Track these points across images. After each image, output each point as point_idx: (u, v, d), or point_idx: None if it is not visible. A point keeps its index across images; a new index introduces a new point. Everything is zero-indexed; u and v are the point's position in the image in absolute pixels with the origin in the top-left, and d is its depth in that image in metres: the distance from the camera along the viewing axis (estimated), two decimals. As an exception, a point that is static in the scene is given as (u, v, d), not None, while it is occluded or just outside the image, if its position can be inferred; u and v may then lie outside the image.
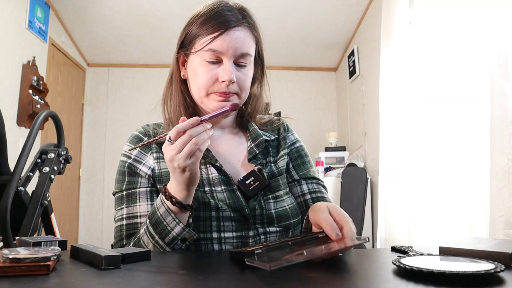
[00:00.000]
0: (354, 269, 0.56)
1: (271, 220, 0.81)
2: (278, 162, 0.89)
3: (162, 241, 0.72)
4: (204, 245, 0.77)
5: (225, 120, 0.91)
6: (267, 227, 0.80)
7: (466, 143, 1.87)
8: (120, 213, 0.82)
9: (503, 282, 0.46)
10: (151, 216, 0.74)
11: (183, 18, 0.86)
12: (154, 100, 0.94)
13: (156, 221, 0.72)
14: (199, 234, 0.76)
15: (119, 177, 0.85)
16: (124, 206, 0.82)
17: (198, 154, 0.66)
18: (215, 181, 0.82)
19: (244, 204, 0.80)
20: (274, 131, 0.95)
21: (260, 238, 0.79)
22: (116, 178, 0.85)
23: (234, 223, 0.78)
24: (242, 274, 0.51)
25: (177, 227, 0.71)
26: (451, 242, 0.64)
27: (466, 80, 1.90)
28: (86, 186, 4.04)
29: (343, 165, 3.35)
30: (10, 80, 2.72)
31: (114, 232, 0.82)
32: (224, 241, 0.77)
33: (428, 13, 2.22)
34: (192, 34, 0.82)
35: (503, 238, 1.39)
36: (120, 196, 0.83)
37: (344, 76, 3.95)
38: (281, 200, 0.84)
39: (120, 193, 0.84)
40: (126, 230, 0.79)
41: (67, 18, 3.47)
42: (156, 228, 0.72)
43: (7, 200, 0.97)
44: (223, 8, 0.81)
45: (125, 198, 0.82)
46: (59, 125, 1.26)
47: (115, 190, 0.85)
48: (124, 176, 0.84)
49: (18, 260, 0.48)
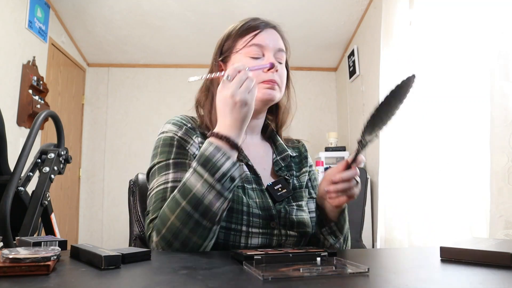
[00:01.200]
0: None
1: (292, 224, 0.86)
2: (300, 177, 0.96)
3: (211, 178, 0.69)
4: (233, 235, 0.79)
5: (254, 127, 0.95)
6: (288, 230, 0.85)
7: (466, 143, 1.87)
8: (165, 178, 0.79)
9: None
10: (198, 158, 0.72)
11: (183, 18, 0.88)
12: (154, 100, 0.95)
13: (204, 160, 0.70)
14: (231, 225, 0.78)
15: (164, 149, 0.83)
16: (171, 171, 0.79)
17: (254, 91, 0.73)
18: (247, 178, 0.86)
19: (271, 205, 0.84)
20: (294, 149, 1.02)
21: (282, 238, 0.84)
22: (159, 150, 0.83)
23: (261, 220, 0.82)
24: (242, 274, 0.51)
25: (227, 162, 0.70)
26: (451, 242, 0.64)
27: (466, 80, 1.90)
28: (86, 186, 4.04)
29: (343, 165, 3.35)
30: (10, 80, 2.72)
31: (153, 196, 0.78)
32: (251, 236, 0.80)
33: (428, 13, 2.22)
34: (232, 38, 0.89)
35: (503, 238, 1.39)
36: (165, 164, 0.81)
37: (344, 76, 3.95)
38: (301, 210, 0.89)
39: (165, 161, 0.81)
40: (170, 191, 0.76)
41: (67, 18, 3.47)
42: (205, 166, 0.70)
43: (7, 200, 0.97)
44: (256, 18, 0.92)
45: (171, 165, 0.80)
46: (59, 125, 1.26)
47: (159, 160, 0.82)
48: (171, 147, 0.83)
49: (18, 260, 0.48)
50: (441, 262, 0.60)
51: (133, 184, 1.08)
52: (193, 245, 0.70)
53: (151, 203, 0.77)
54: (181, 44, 3.83)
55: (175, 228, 0.69)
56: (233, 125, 0.72)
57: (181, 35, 3.66)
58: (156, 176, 0.80)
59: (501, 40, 1.49)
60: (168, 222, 0.70)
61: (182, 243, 0.70)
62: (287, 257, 0.59)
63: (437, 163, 2.06)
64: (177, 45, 3.87)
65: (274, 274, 0.49)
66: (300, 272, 0.51)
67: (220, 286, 0.45)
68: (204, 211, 0.69)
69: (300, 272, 0.51)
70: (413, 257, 0.71)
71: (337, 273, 0.52)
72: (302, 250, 0.64)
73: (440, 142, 2.06)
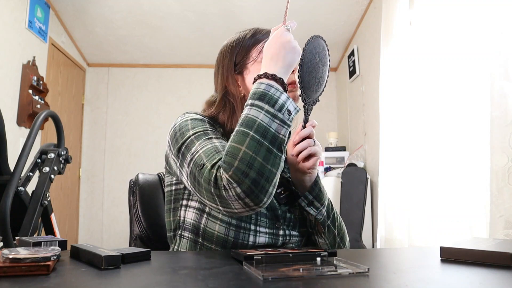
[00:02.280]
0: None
1: (295, 225, 0.88)
2: None
3: (272, 108, 0.70)
4: (243, 233, 0.80)
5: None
6: (291, 231, 0.87)
7: (466, 143, 1.87)
8: (209, 141, 0.77)
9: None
10: (252, 96, 0.72)
11: (183, 18, 0.88)
12: (154, 100, 0.95)
13: (261, 94, 0.71)
14: (241, 223, 0.79)
15: (197, 123, 0.82)
16: (213, 137, 0.79)
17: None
18: None
19: (277, 206, 0.86)
20: None
21: (286, 238, 0.85)
22: (191, 126, 0.82)
23: (268, 220, 0.83)
24: (242, 274, 0.51)
25: (283, 95, 0.72)
26: (451, 242, 0.64)
27: (466, 80, 1.90)
28: (86, 186, 4.04)
29: (343, 165, 3.35)
30: (10, 80, 2.72)
31: (203, 153, 0.73)
32: (258, 235, 0.81)
33: (428, 13, 2.22)
34: (243, 50, 0.90)
35: (503, 238, 1.39)
36: (204, 132, 0.80)
37: (344, 76, 3.95)
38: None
39: (203, 131, 0.80)
40: (221, 147, 0.75)
41: (67, 18, 3.47)
42: (262, 100, 0.71)
43: (7, 200, 0.97)
44: (259, 28, 0.95)
45: (210, 133, 0.80)
46: (59, 125, 1.26)
47: (194, 132, 0.80)
48: (203, 123, 0.83)
49: (18, 260, 0.48)
50: (441, 262, 0.60)
51: (134, 184, 1.08)
52: (269, 173, 0.67)
53: (203, 157, 0.73)
54: (181, 44, 3.83)
55: (248, 157, 0.66)
56: (283, 68, 0.75)
57: (181, 35, 3.66)
58: (196, 142, 0.77)
59: (501, 40, 1.49)
60: (239, 153, 0.66)
61: (258, 172, 0.66)
62: (287, 257, 0.59)
63: (437, 163, 2.07)
64: (177, 45, 3.87)
65: (274, 274, 0.49)
66: (300, 272, 0.51)
67: (220, 286, 0.45)
68: (272, 138, 0.68)
69: (300, 272, 0.51)
70: (413, 257, 0.71)
71: (337, 273, 0.52)
72: (302, 250, 0.64)
73: (440, 142, 2.06)
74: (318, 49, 0.81)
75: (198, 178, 0.72)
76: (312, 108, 0.83)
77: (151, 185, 1.09)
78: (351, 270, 0.52)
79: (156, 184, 1.11)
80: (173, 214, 0.88)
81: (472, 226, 1.79)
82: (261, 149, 0.67)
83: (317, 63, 0.81)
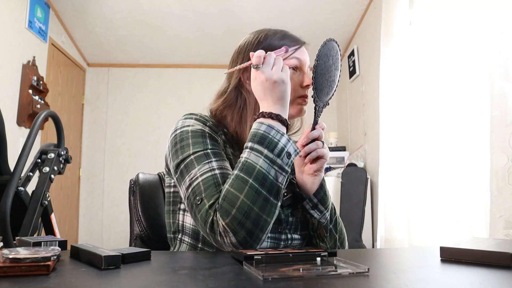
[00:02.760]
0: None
1: (296, 227, 0.87)
2: None
3: (271, 153, 0.70)
4: None
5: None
6: (293, 234, 0.86)
7: (466, 143, 1.87)
8: (209, 166, 0.75)
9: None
10: (252, 138, 0.73)
11: (183, 18, 0.87)
12: (154, 100, 0.94)
13: (260, 138, 0.72)
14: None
15: (197, 139, 0.80)
16: (213, 159, 0.77)
17: (286, 69, 0.77)
18: None
19: (280, 209, 0.84)
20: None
21: (288, 242, 0.85)
22: (191, 142, 0.80)
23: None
24: (242, 274, 0.51)
25: (283, 138, 0.73)
26: (451, 242, 0.64)
27: (466, 80, 1.90)
28: (86, 186, 4.04)
29: (343, 165, 3.35)
30: (10, 80, 2.72)
31: (202, 184, 0.73)
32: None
33: (428, 13, 2.22)
34: (271, 47, 0.85)
35: (503, 238, 1.39)
36: (205, 153, 0.78)
37: (344, 76, 3.95)
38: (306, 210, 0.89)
39: (203, 151, 0.78)
40: (221, 178, 0.74)
41: (67, 18, 3.47)
42: (262, 144, 0.71)
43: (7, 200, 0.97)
44: (288, 32, 0.94)
45: (211, 154, 0.78)
46: (59, 125, 1.26)
47: (194, 150, 0.78)
48: (204, 138, 0.81)
49: (18, 260, 0.48)
50: (441, 262, 0.60)
51: (134, 183, 1.08)
52: (264, 223, 0.68)
53: (202, 190, 0.72)
54: (181, 44, 3.83)
55: (246, 207, 0.67)
56: (276, 103, 0.75)
57: (181, 35, 3.66)
58: (196, 165, 0.76)
59: (501, 40, 1.49)
60: (237, 202, 0.67)
61: (253, 222, 0.67)
62: (287, 257, 0.59)
63: (437, 163, 2.07)
64: (177, 45, 3.87)
65: (274, 274, 0.49)
66: (300, 272, 0.51)
67: (220, 286, 0.45)
68: (270, 186, 0.69)
69: (300, 272, 0.51)
70: (413, 257, 0.71)
71: (337, 273, 0.52)
72: (302, 250, 0.64)
73: (440, 142, 2.06)
74: (332, 53, 0.83)
75: (195, 212, 0.72)
76: (322, 110, 0.84)
77: (152, 185, 1.09)
78: (351, 270, 0.52)
79: (156, 184, 1.11)
80: (172, 216, 0.87)
81: (472, 226, 1.79)
82: (258, 199, 0.68)
83: (330, 66, 0.82)
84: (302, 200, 0.86)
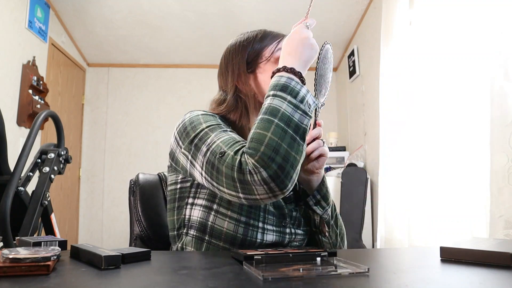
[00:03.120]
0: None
1: (299, 223, 0.89)
2: None
3: (294, 99, 0.71)
4: (251, 231, 0.80)
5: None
6: (297, 229, 0.88)
7: (466, 143, 1.87)
8: (225, 133, 0.77)
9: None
10: (273, 87, 0.73)
11: (183, 18, 0.88)
12: (154, 100, 0.96)
13: (282, 86, 0.73)
14: (250, 220, 0.80)
15: (209, 118, 0.82)
16: (228, 130, 0.80)
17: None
18: None
19: (283, 204, 0.87)
20: None
21: (292, 237, 0.86)
22: (203, 120, 0.81)
23: (275, 218, 0.84)
24: (242, 274, 0.51)
25: (303, 88, 0.74)
26: (451, 242, 0.64)
27: (466, 80, 1.90)
28: (86, 186, 4.04)
29: (343, 165, 3.35)
30: (10, 80, 2.72)
31: (221, 143, 0.73)
32: (266, 232, 0.82)
33: (428, 13, 2.22)
34: (255, 50, 0.91)
35: (503, 238, 1.39)
36: (219, 125, 0.80)
37: (344, 76, 3.95)
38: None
39: (217, 125, 0.80)
40: (239, 138, 0.76)
41: (67, 18, 3.47)
42: (284, 91, 0.72)
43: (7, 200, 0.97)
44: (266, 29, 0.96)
45: (224, 127, 0.80)
46: (59, 125, 1.26)
47: (208, 124, 0.79)
48: (215, 119, 0.83)
49: (18, 260, 0.48)
50: (441, 262, 0.60)
51: (134, 183, 1.08)
52: (293, 160, 0.67)
53: (223, 146, 0.72)
54: (181, 44, 3.83)
55: (274, 143, 0.67)
56: (301, 64, 0.77)
57: (181, 35, 3.66)
58: (212, 134, 0.77)
59: (501, 40, 1.49)
60: (265, 139, 0.67)
61: (283, 157, 0.66)
62: (287, 257, 0.59)
63: (437, 163, 2.06)
64: (177, 45, 3.87)
65: (274, 274, 0.49)
66: (300, 272, 0.51)
67: (220, 286, 0.45)
68: (296, 127, 0.70)
69: (300, 272, 0.51)
70: (413, 257, 0.71)
71: (337, 273, 0.52)
72: (302, 250, 0.64)
73: (440, 142, 2.06)
74: (328, 55, 0.86)
75: (218, 166, 0.71)
76: (320, 111, 0.86)
77: (152, 185, 1.09)
78: (351, 270, 0.52)
79: (156, 184, 1.11)
80: (177, 212, 0.87)
81: (472, 226, 1.79)
82: (286, 136, 0.68)
83: (327, 68, 0.85)
84: (304, 197, 0.88)
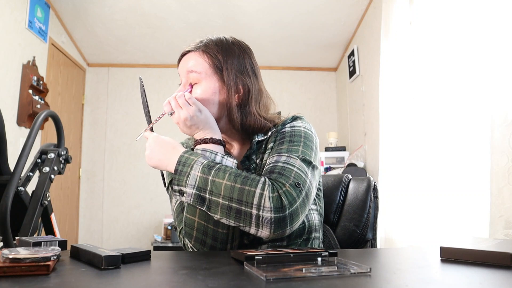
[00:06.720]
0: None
1: None
2: (264, 159, 0.88)
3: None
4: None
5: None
6: None
7: (466, 143, 1.87)
8: (173, 199, 0.93)
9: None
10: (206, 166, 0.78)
11: (183, 18, 0.88)
12: (154, 100, 1.00)
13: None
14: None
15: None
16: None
17: (192, 100, 0.85)
18: None
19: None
20: (267, 132, 0.94)
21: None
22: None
23: None
24: (242, 274, 0.51)
25: (217, 157, 0.82)
26: (451, 242, 0.64)
27: (466, 80, 1.90)
28: (86, 186, 4.03)
29: (343, 165, 3.35)
30: (10, 80, 2.72)
31: (174, 211, 0.91)
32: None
33: (428, 12, 2.22)
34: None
35: (503, 238, 1.39)
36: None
37: (344, 76, 3.95)
38: None
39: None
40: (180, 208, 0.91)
41: (67, 18, 3.47)
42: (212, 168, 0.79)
43: (7, 200, 0.97)
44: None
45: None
46: (59, 125, 1.26)
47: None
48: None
49: (18, 260, 0.48)
50: (441, 262, 0.60)
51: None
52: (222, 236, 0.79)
53: (174, 218, 0.90)
54: (181, 44, 3.83)
55: (202, 227, 0.79)
56: (208, 133, 0.85)
57: (181, 35, 3.66)
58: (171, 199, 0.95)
59: (501, 40, 1.49)
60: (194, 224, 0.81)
61: (212, 238, 0.79)
62: (288, 257, 0.59)
63: (437, 163, 2.07)
64: (177, 45, 3.87)
65: (276, 274, 0.49)
66: (302, 272, 0.51)
67: (220, 286, 0.45)
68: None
69: (302, 273, 0.51)
70: (413, 257, 0.71)
71: (339, 273, 0.52)
72: (303, 250, 0.64)
73: (440, 142, 2.06)
74: (142, 89, 0.94)
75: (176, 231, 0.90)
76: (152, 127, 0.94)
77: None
78: (352, 270, 0.52)
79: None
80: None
81: (472, 226, 1.79)
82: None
83: (144, 98, 0.94)
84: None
